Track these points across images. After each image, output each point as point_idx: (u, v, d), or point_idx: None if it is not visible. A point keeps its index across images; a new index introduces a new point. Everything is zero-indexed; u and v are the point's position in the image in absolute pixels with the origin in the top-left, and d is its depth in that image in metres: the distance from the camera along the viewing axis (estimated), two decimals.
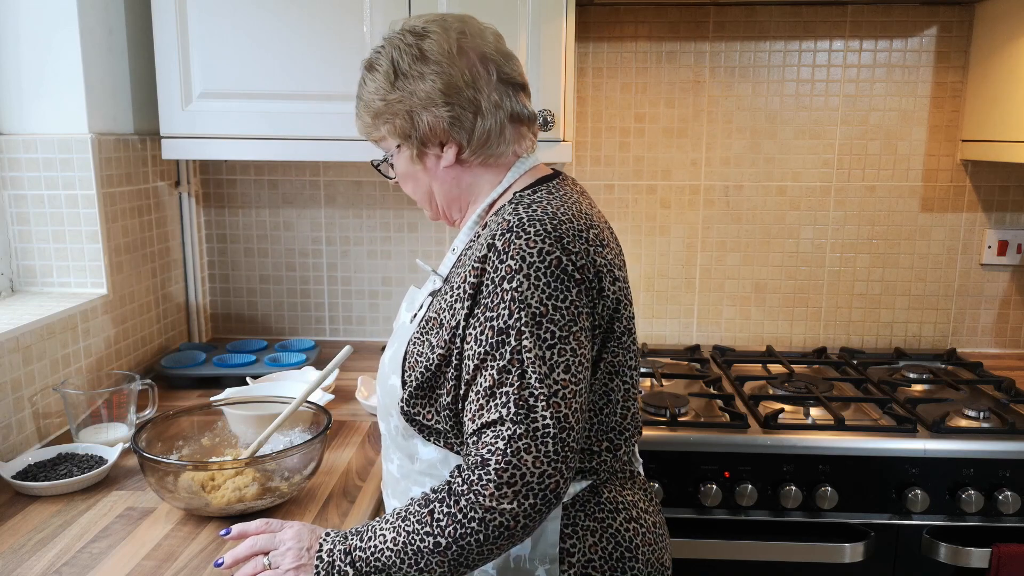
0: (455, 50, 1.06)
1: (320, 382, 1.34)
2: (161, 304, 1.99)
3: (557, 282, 0.97)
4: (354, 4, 1.72)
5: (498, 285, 0.97)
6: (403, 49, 1.07)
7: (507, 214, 1.02)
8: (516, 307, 0.96)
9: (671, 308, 2.25)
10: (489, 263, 0.99)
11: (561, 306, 0.97)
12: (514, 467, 0.93)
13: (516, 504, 0.93)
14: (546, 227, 0.99)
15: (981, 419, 1.71)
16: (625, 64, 2.13)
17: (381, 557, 0.97)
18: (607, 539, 1.07)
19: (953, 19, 2.07)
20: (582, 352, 0.98)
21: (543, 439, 0.93)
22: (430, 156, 1.11)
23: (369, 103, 1.10)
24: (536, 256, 0.97)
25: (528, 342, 0.95)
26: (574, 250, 0.99)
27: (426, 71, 1.06)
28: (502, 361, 0.96)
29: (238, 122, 1.77)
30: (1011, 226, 2.17)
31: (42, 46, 1.65)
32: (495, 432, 0.95)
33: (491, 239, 1.00)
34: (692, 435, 1.67)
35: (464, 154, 1.09)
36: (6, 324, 1.47)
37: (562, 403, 0.95)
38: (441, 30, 1.07)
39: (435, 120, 1.07)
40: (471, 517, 0.94)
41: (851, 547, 1.64)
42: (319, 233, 2.22)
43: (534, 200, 1.05)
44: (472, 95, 1.06)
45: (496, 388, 0.96)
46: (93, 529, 1.21)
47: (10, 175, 1.69)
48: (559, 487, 0.94)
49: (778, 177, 2.17)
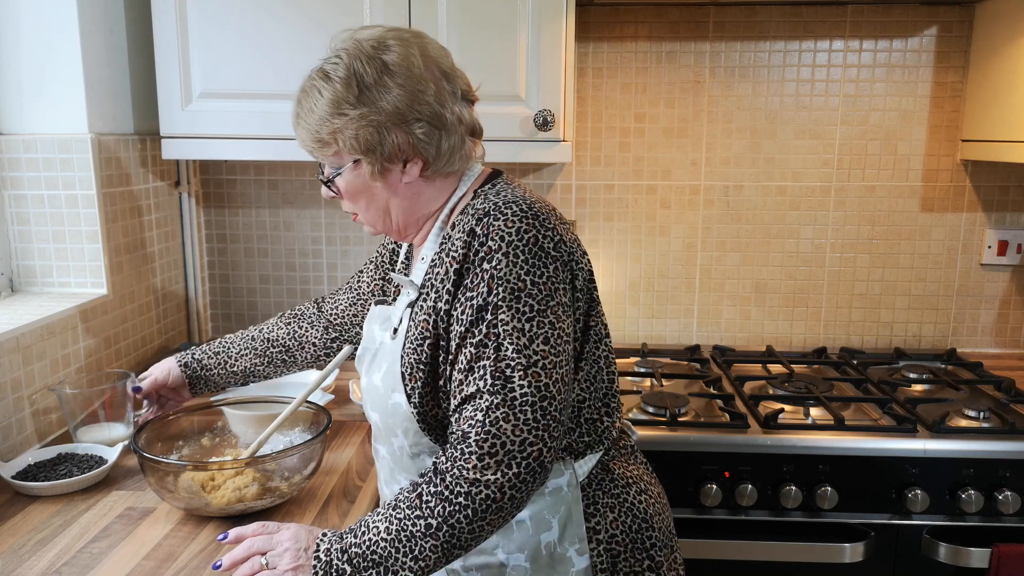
0: (419, 64, 1.05)
1: (320, 382, 1.34)
2: (161, 304, 2.00)
3: (535, 259, 1.00)
4: (354, 4, 1.72)
5: (478, 266, 1.00)
6: (365, 61, 1.04)
7: (478, 205, 1.05)
8: (495, 284, 0.98)
9: (671, 308, 2.25)
10: (471, 248, 1.01)
11: (539, 281, 1.00)
12: (493, 436, 0.95)
13: (500, 474, 0.94)
14: (523, 207, 1.02)
15: (981, 419, 1.71)
16: (625, 64, 2.13)
17: (376, 549, 0.97)
18: (624, 512, 1.12)
19: (953, 19, 2.07)
20: (560, 326, 1.00)
21: (521, 407, 0.95)
22: (393, 172, 1.08)
23: (324, 116, 1.05)
24: (515, 235, 1.00)
25: (505, 315, 0.98)
26: (549, 226, 1.02)
27: (391, 85, 1.03)
28: (479, 335, 0.98)
29: (238, 122, 1.77)
30: (1011, 226, 2.17)
31: (42, 46, 1.65)
32: (474, 405, 0.97)
33: (470, 226, 1.02)
34: (692, 435, 1.67)
35: (428, 170, 1.08)
36: (6, 324, 1.47)
37: (542, 372, 0.97)
38: (400, 43, 1.06)
39: (404, 136, 1.05)
40: (457, 492, 0.95)
41: (851, 547, 1.64)
42: (319, 233, 2.22)
43: (499, 190, 1.08)
44: (438, 110, 1.05)
45: (474, 363, 0.98)
46: (93, 529, 1.21)
47: (10, 175, 1.69)
48: (542, 455, 0.96)
49: (778, 177, 2.17)
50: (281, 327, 1.47)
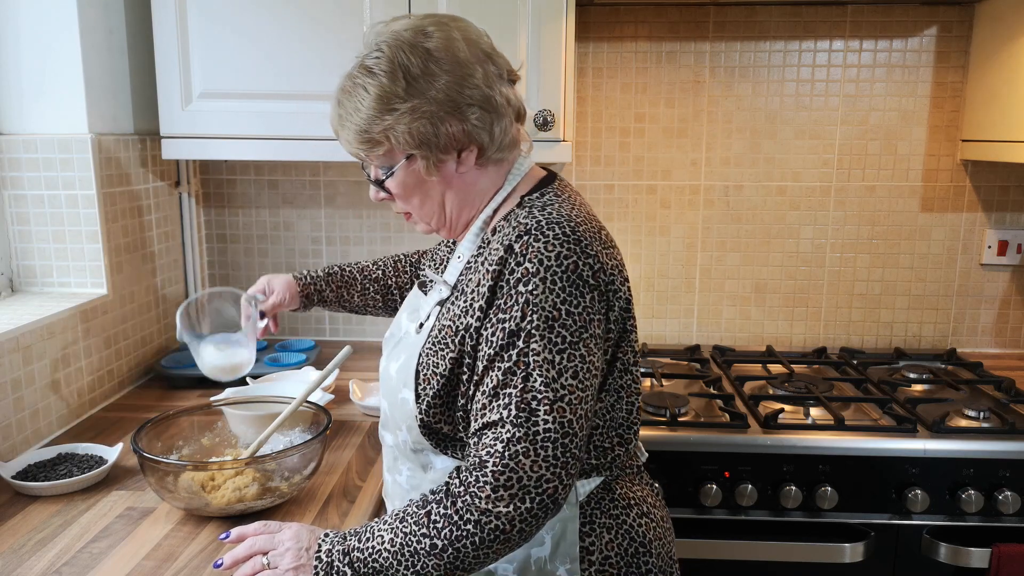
0: (464, 47, 1.01)
1: (320, 382, 1.34)
2: (161, 304, 2.00)
3: (573, 287, 0.96)
4: (354, 4, 1.72)
5: (513, 287, 0.96)
6: (408, 50, 0.99)
7: (521, 217, 1.00)
8: (530, 310, 0.95)
9: (671, 308, 2.25)
10: (506, 265, 0.97)
11: (575, 311, 0.96)
12: (511, 470, 0.92)
13: (512, 508, 0.93)
14: (565, 230, 0.97)
15: (981, 419, 1.71)
16: (625, 64, 2.13)
17: (379, 558, 0.97)
18: (622, 535, 1.08)
19: (953, 19, 2.07)
20: (591, 359, 0.97)
21: (543, 443, 0.93)
22: (448, 163, 1.04)
23: (372, 113, 1.00)
24: (554, 260, 0.96)
25: (537, 345, 0.94)
26: (592, 253, 0.98)
27: (439, 72, 0.99)
28: (508, 363, 0.95)
29: (238, 122, 1.77)
30: (1011, 226, 2.17)
31: (42, 46, 1.65)
32: (495, 434, 0.95)
33: (509, 242, 0.98)
34: (692, 435, 1.67)
35: (482, 157, 1.04)
36: (6, 324, 1.47)
37: (567, 408, 0.94)
38: (440, 28, 1.02)
39: (459, 124, 1.01)
40: (467, 519, 0.93)
41: (851, 547, 1.64)
42: (319, 233, 2.22)
43: (546, 203, 1.03)
44: (488, 93, 1.02)
45: (500, 389, 0.95)
46: (93, 529, 1.21)
47: (10, 175, 1.69)
48: (557, 493, 0.94)
49: (778, 177, 2.17)
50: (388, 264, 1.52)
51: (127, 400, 1.77)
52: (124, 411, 1.70)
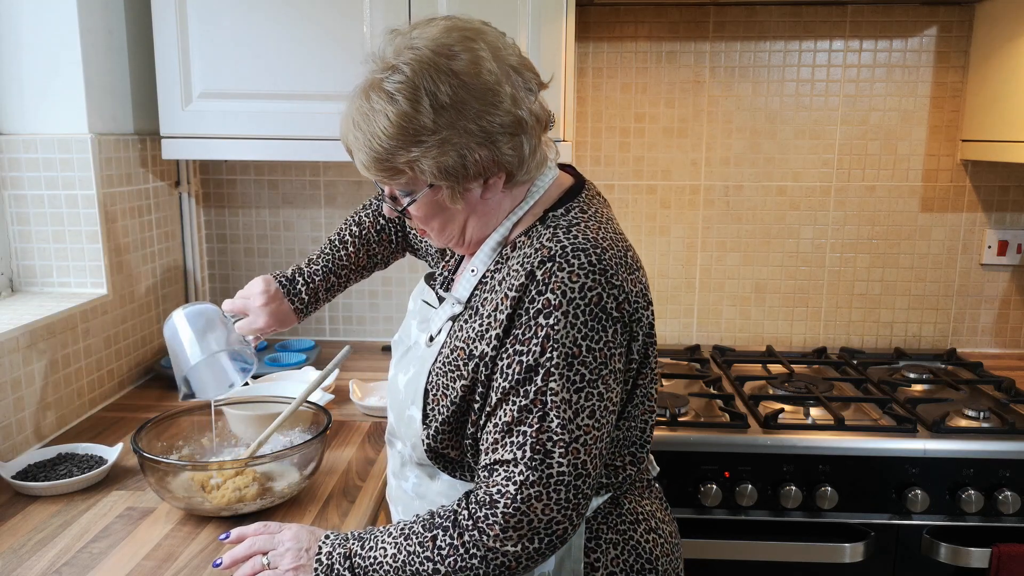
0: (494, 69, 0.93)
1: (320, 382, 1.34)
2: (161, 304, 1.99)
3: (595, 321, 0.92)
4: (354, 5, 1.72)
5: (533, 318, 0.92)
6: (433, 74, 0.90)
7: (544, 240, 0.95)
8: (550, 345, 0.91)
9: (671, 308, 2.25)
10: (527, 294, 0.92)
11: (595, 347, 0.92)
12: (523, 513, 0.92)
13: (520, 547, 0.92)
14: (591, 259, 0.92)
15: (981, 419, 1.71)
16: (625, 64, 2.13)
17: (379, 570, 0.96)
18: (628, 551, 1.06)
19: (953, 19, 2.07)
20: (609, 396, 0.95)
21: (556, 487, 0.91)
22: (473, 191, 0.97)
23: (395, 145, 0.92)
24: (578, 292, 0.91)
25: (556, 384, 0.91)
26: (617, 284, 0.93)
27: (469, 99, 0.91)
28: (525, 400, 0.92)
29: (238, 122, 1.77)
30: (1011, 226, 2.17)
31: (43, 47, 1.65)
32: (507, 473, 0.93)
33: (531, 267, 0.93)
34: (692, 435, 1.67)
35: (510, 181, 0.99)
36: (6, 324, 1.47)
37: (581, 449, 0.92)
38: (466, 45, 0.93)
39: (488, 153, 0.94)
40: (473, 553, 0.93)
41: (851, 547, 1.64)
42: (319, 233, 2.22)
43: (571, 222, 0.98)
44: (517, 115, 0.94)
45: (515, 426, 0.93)
46: (93, 529, 1.21)
47: (10, 175, 1.69)
48: (567, 533, 0.94)
49: (778, 177, 2.17)
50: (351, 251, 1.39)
51: (127, 400, 1.77)
52: (124, 411, 1.70)
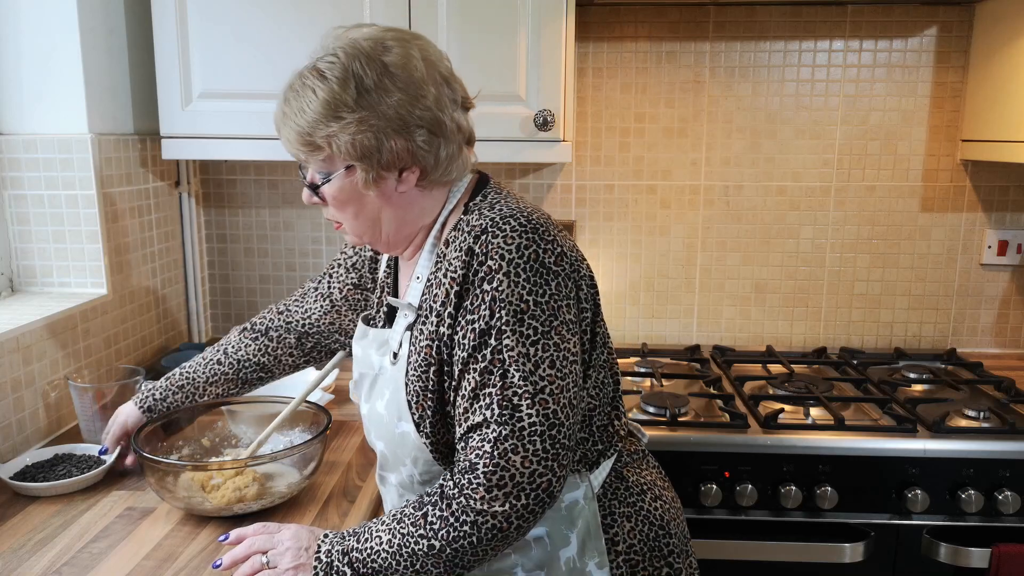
0: (421, 67, 0.99)
1: (320, 382, 1.34)
2: (161, 304, 2.00)
3: (537, 276, 0.96)
4: (353, 5, 1.72)
5: (479, 287, 0.96)
6: (364, 61, 0.97)
7: (473, 221, 1.00)
8: (497, 306, 0.95)
9: (671, 308, 2.25)
10: (470, 268, 0.97)
11: (542, 300, 0.96)
12: (502, 469, 0.93)
13: (508, 506, 0.93)
14: (520, 221, 0.98)
15: (981, 419, 1.71)
16: (625, 64, 2.13)
17: (378, 559, 0.97)
18: (641, 521, 1.10)
19: (953, 19, 2.07)
20: (566, 346, 0.97)
21: (530, 438, 0.93)
22: (388, 180, 1.02)
23: (317, 118, 0.98)
24: (515, 252, 0.96)
25: (510, 340, 0.94)
26: (549, 239, 0.98)
27: (392, 88, 0.97)
28: (484, 362, 0.95)
29: (238, 122, 1.77)
30: (1011, 226, 2.17)
31: (43, 47, 1.65)
32: (481, 435, 0.94)
33: (468, 245, 0.98)
34: (692, 435, 1.67)
35: (425, 179, 1.03)
36: (6, 324, 1.47)
37: (549, 399, 0.94)
38: (400, 44, 1.00)
39: (404, 143, 0.99)
40: (463, 520, 0.94)
41: (851, 547, 1.64)
42: (319, 233, 2.22)
43: (492, 202, 1.04)
44: (439, 116, 1.00)
45: (479, 390, 0.95)
46: (93, 529, 1.21)
47: (10, 175, 1.69)
48: (551, 486, 0.94)
49: (778, 177, 2.17)
50: (249, 344, 1.37)
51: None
52: None
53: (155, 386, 1.38)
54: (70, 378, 1.49)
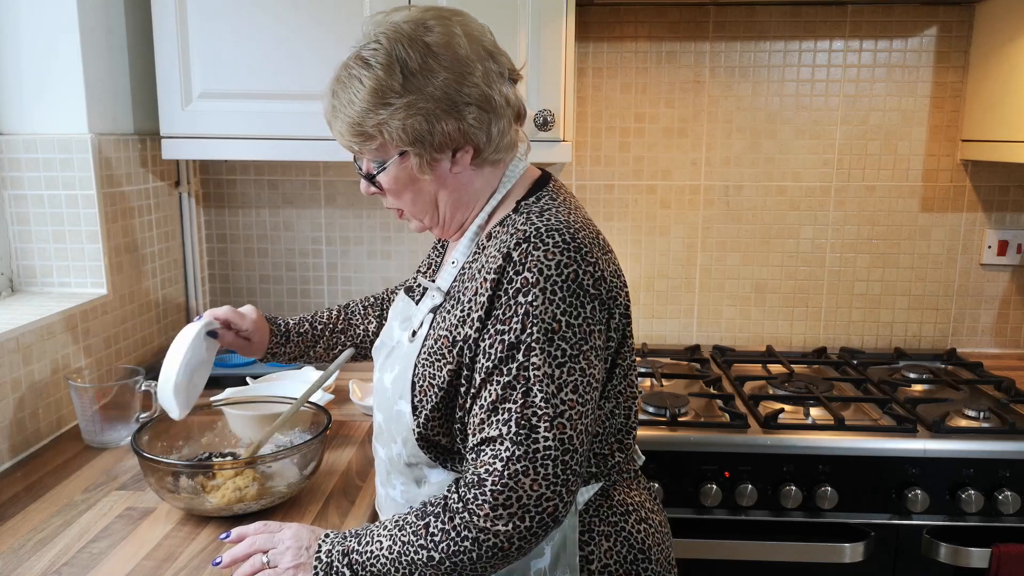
0: (464, 44, 0.98)
1: (320, 383, 1.34)
2: (161, 304, 2.00)
3: (573, 297, 0.94)
4: (354, 4, 1.72)
5: (512, 297, 0.94)
6: (407, 44, 0.96)
7: (519, 224, 0.98)
8: (530, 321, 0.93)
9: (671, 308, 2.25)
10: (505, 275, 0.95)
11: (575, 323, 0.94)
12: (510, 489, 0.91)
13: (511, 526, 0.92)
14: (564, 237, 0.95)
15: (981, 419, 1.71)
16: (625, 64, 2.13)
17: (377, 563, 0.96)
18: (621, 542, 1.06)
19: (953, 19, 2.07)
20: (591, 372, 0.95)
21: (543, 461, 0.91)
22: (442, 162, 1.01)
23: (367, 107, 0.97)
24: (554, 269, 0.94)
25: (537, 359, 0.92)
26: (592, 261, 0.96)
27: (437, 68, 0.96)
28: (508, 376, 0.93)
29: (238, 122, 1.77)
30: (1011, 226, 2.17)
31: (42, 46, 1.65)
32: (493, 451, 0.93)
33: (507, 249, 0.96)
34: (692, 435, 1.67)
35: (479, 157, 1.02)
36: (6, 324, 1.47)
37: (567, 424, 0.92)
38: (441, 22, 0.99)
39: (455, 123, 0.98)
40: (464, 536, 0.93)
41: (851, 547, 1.64)
42: (319, 233, 2.22)
43: (543, 208, 1.01)
44: (487, 92, 0.99)
45: (499, 404, 0.93)
46: (93, 529, 1.21)
47: (10, 175, 1.69)
48: (557, 511, 0.93)
49: (778, 177, 2.17)
50: (372, 321, 1.42)
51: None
52: None
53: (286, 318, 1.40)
54: (70, 378, 1.49)
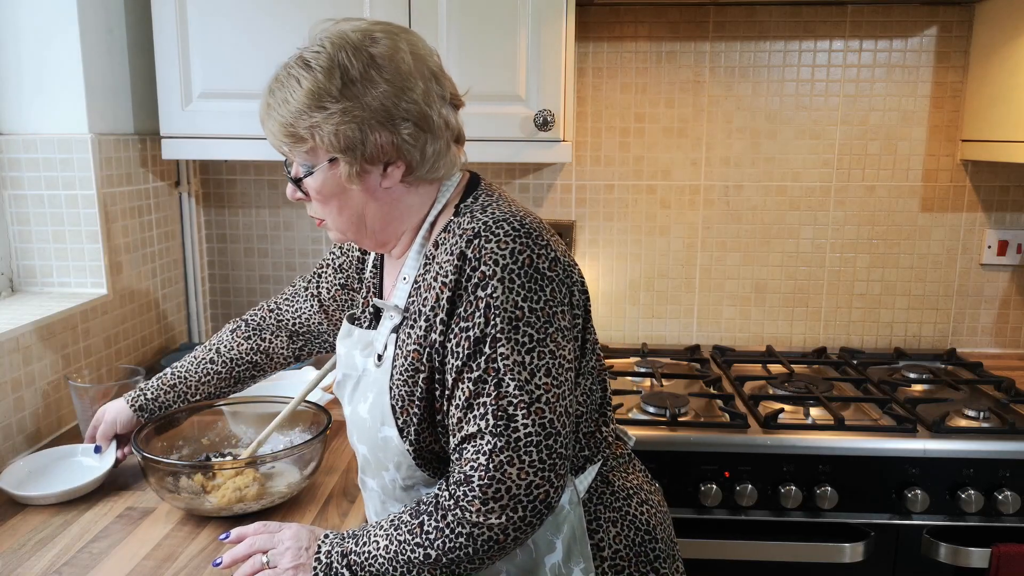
0: (408, 60, 0.97)
1: (319, 381, 1.34)
2: (161, 304, 2.00)
3: (532, 282, 0.94)
4: (353, 5, 1.72)
5: (472, 293, 0.94)
6: (351, 52, 0.96)
7: (465, 224, 0.98)
8: (492, 313, 0.92)
9: (671, 308, 2.25)
10: (463, 273, 0.95)
11: (537, 307, 0.94)
12: (498, 482, 0.91)
13: (504, 518, 0.92)
14: (514, 225, 0.95)
15: (981, 419, 1.71)
16: (625, 64, 2.13)
17: (375, 563, 0.96)
18: (627, 526, 1.08)
19: (953, 19, 2.07)
20: (561, 353, 0.95)
21: (527, 449, 0.91)
22: (372, 174, 0.99)
23: (301, 108, 0.96)
24: (509, 257, 0.94)
25: (505, 348, 0.92)
26: (543, 243, 0.96)
27: (378, 79, 0.96)
28: (478, 371, 0.93)
29: (238, 122, 1.77)
30: (1011, 226, 2.17)
31: (42, 46, 1.65)
32: (475, 446, 0.93)
33: (459, 249, 0.95)
34: (692, 435, 1.67)
35: (410, 175, 1.01)
36: (6, 324, 1.47)
37: (545, 408, 0.92)
38: (389, 36, 0.98)
39: (388, 136, 0.97)
40: (459, 532, 0.93)
41: (851, 547, 1.64)
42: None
43: (484, 205, 1.01)
44: (425, 111, 0.98)
45: (473, 399, 0.93)
46: (93, 529, 1.21)
47: (10, 175, 1.69)
48: (549, 496, 0.93)
49: (778, 177, 2.17)
50: (241, 343, 1.38)
51: None
52: None
53: (147, 385, 1.37)
54: (70, 378, 1.49)
